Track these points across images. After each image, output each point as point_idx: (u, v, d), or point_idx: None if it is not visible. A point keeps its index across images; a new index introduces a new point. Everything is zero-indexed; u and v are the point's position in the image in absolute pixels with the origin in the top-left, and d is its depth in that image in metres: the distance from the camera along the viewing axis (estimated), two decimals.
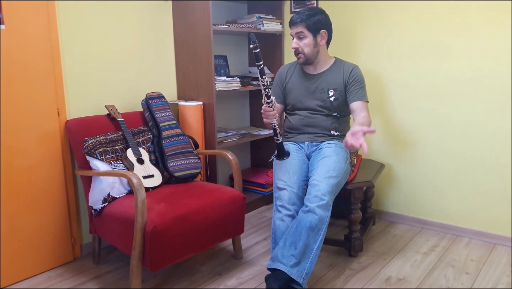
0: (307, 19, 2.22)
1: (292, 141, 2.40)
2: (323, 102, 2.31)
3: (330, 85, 2.32)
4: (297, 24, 2.23)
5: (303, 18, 2.22)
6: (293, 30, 2.26)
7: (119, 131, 2.38)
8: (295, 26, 2.25)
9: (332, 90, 2.31)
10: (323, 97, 2.32)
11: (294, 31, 2.26)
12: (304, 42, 2.25)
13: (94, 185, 2.20)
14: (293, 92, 2.39)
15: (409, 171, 2.84)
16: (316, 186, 2.00)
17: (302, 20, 2.22)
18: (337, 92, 2.31)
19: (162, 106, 2.54)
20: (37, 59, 2.19)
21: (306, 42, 2.25)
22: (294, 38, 2.28)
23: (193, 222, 2.04)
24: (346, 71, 2.32)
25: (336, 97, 2.31)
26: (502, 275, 2.19)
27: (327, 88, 2.32)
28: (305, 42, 2.25)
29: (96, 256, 2.38)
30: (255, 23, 3.10)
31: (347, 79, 2.30)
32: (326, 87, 2.32)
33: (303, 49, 2.26)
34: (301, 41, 2.25)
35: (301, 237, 1.89)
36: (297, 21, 2.23)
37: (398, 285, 2.11)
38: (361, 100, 2.28)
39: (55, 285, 2.19)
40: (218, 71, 3.14)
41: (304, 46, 2.25)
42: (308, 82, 2.36)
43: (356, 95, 2.29)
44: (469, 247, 2.52)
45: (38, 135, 2.23)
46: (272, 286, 1.82)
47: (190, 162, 2.46)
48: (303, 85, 2.36)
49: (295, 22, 2.24)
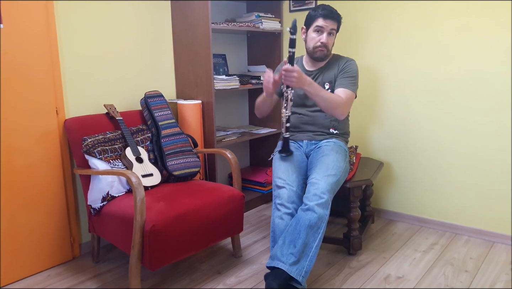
0: (339, 18, 2.29)
1: (291, 140, 2.40)
2: None
3: (326, 79, 2.34)
4: (333, 20, 2.25)
5: (339, 17, 2.28)
6: (328, 24, 2.24)
7: (118, 130, 2.38)
8: (331, 21, 2.25)
9: (327, 83, 2.33)
10: None
11: (328, 26, 2.24)
12: (332, 39, 2.30)
13: (93, 184, 2.20)
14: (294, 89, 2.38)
15: (408, 169, 2.84)
16: (315, 184, 2.00)
17: (337, 18, 2.27)
18: (332, 85, 2.33)
19: (161, 105, 2.53)
20: (35, 58, 2.19)
21: (333, 40, 2.31)
22: (324, 33, 2.25)
23: (192, 221, 2.04)
24: (340, 64, 2.35)
25: (331, 90, 2.32)
26: (501, 273, 2.20)
27: (323, 82, 2.33)
28: (332, 40, 2.31)
29: (95, 255, 2.38)
30: (254, 22, 3.10)
31: (339, 69, 2.33)
32: (322, 81, 2.34)
33: (329, 45, 2.29)
34: (330, 38, 2.29)
35: (300, 235, 1.89)
36: (335, 17, 2.26)
37: (397, 283, 2.11)
38: (346, 88, 2.26)
39: (54, 284, 2.19)
40: (217, 70, 3.14)
41: (331, 43, 2.30)
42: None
43: (341, 83, 2.28)
44: (468, 245, 2.52)
45: (36, 134, 2.23)
46: (272, 284, 1.82)
47: (189, 160, 2.46)
48: None
49: (332, 17, 2.24)
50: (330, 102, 2.18)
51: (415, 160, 2.79)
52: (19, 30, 2.11)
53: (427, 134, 2.72)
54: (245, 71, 3.49)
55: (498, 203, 2.52)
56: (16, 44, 2.11)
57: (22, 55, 2.14)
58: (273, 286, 1.81)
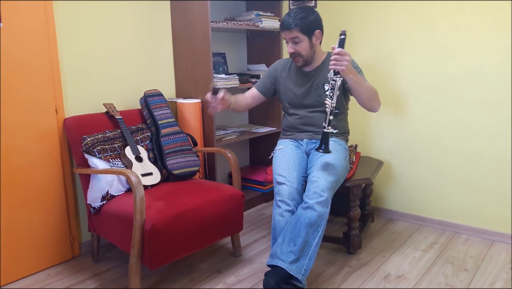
0: (301, 22, 2.13)
1: (291, 138, 2.40)
2: (319, 98, 2.28)
3: (325, 80, 2.28)
4: (291, 29, 2.14)
5: (297, 21, 2.13)
6: (287, 35, 2.17)
7: (118, 129, 2.38)
8: (289, 31, 2.15)
9: (327, 84, 2.27)
10: (319, 93, 2.29)
11: (288, 36, 2.17)
12: (301, 46, 2.18)
13: (93, 183, 2.20)
14: (289, 91, 2.36)
15: (407, 168, 2.84)
16: (315, 182, 2.00)
17: (296, 24, 2.13)
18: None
19: (160, 104, 2.53)
20: (35, 57, 2.19)
21: (303, 46, 2.18)
22: (288, 43, 2.20)
23: (192, 220, 2.04)
24: None
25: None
26: (501, 272, 2.20)
27: (322, 83, 2.29)
28: (302, 46, 2.18)
29: (95, 254, 2.38)
30: (254, 21, 3.09)
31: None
32: (321, 82, 2.29)
33: (301, 52, 2.20)
34: (298, 46, 2.18)
35: (300, 233, 1.89)
36: (291, 26, 2.13)
37: (397, 282, 2.12)
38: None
39: (54, 283, 2.19)
40: (216, 68, 3.14)
41: (301, 49, 2.19)
42: (303, 79, 2.33)
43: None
44: (467, 244, 2.52)
45: (36, 133, 2.22)
46: (269, 281, 1.82)
47: (189, 159, 2.45)
48: (299, 82, 2.34)
49: (288, 27, 2.14)
50: (372, 93, 2.12)
51: (414, 159, 2.79)
52: (18, 30, 2.11)
53: (426, 133, 2.72)
54: (244, 70, 3.48)
55: (498, 202, 2.52)
56: (15, 43, 2.10)
57: (21, 54, 2.13)
58: (271, 283, 1.81)
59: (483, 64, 2.45)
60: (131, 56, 2.68)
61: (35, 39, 2.18)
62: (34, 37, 2.17)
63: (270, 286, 1.81)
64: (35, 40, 2.18)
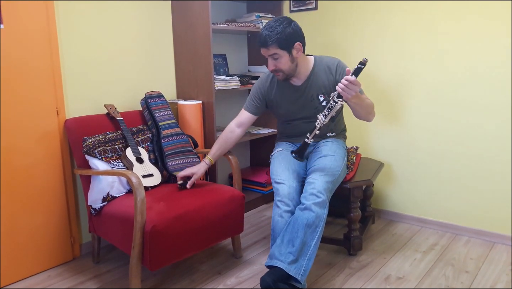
0: (278, 37, 2.01)
1: (288, 142, 2.39)
2: (315, 110, 2.22)
3: (319, 90, 2.21)
4: (268, 46, 2.03)
5: (273, 38, 2.01)
6: (265, 52, 2.07)
7: (118, 130, 2.38)
8: (266, 49, 2.05)
9: (321, 95, 2.21)
10: (314, 105, 2.23)
11: (266, 54, 2.08)
12: (281, 62, 2.07)
13: (93, 184, 2.20)
14: (282, 106, 2.28)
15: (408, 169, 2.84)
16: (312, 183, 2.00)
17: (273, 41, 2.01)
18: (327, 96, 2.20)
19: (161, 106, 2.53)
20: (36, 58, 2.19)
21: (283, 62, 2.07)
22: (268, 59, 2.10)
23: (192, 221, 2.04)
24: (331, 69, 2.18)
25: (327, 102, 2.20)
26: (502, 273, 2.19)
27: (316, 94, 2.21)
28: (282, 62, 2.07)
29: (96, 255, 2.38)
30: (255, 22, 3.10)
31: (335, 77, 2.18)
32: (315, 93, 2.21)
33: (281, 68, 2.10)
34: (278, 62, 2.08)
35: (298, 234, 1.89)
36: (268, 43, 2.02)
37: (398, 284, 2.11)
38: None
39: (54, 284, 2.19)
40: (217, 70, 3.14)
41: (282, 65, 2.09)
42: (295, 94, 2.24)
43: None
44: (468, 246, 2.52)
45: (37, 134, 2.23)
46: (267, 280, 1.81)
47: (190, 161, 2.46)
48: (291, 98, 2.25)
49: (265, 44, 2.03)
50: (369, 109, 2.10)
51: (415, 161, 2.79)
52: (19, 31, 2.11)
53: (427, 135, 2.71)
54: (245, 71, 3.49)
55: (498, 204, 2.51)
56: (16, 44, 2.11)
57: (22, 56, 2.13)
58: (268, 282, 1.81)
59: (483, 67, 2.45)
60: (132, 58, 2.68)
61: (36, 40, 2.19)
62: (35, 39, 2.18)
63: (267, 284, 1.81)
64: (36, 41, 2.19)
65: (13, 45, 2.10)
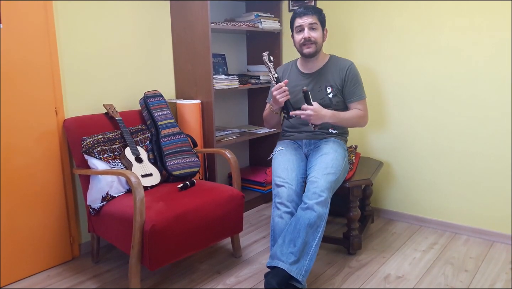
0: (319, 12, 2.28)
1: (290, 139, 2.40)
2: (321, 100, 2.31)
3: (328, 82, 2.33)
4: (310, 15, 2.25)
5: (315, 10, 2.27)
6: (305, 20, 2.25)
7: (117, 130, 2.38)
8: (308, 16, 2.25)
9: (329, 87, 2.32)
10: (321, 95, 2.32)
11: (306, 22, 2.25)
12: (317, 34, 2.27)
13: (93, 184, 2.20)
14: (290, 93, 2.33)
15: (407, 168, 2.84)
16: (315, 182, 2.00)
17: (316, 12, 2.26)
18: (335, 89, 2.32)
19: (160, 105, 2.53)
20: (35, 58, 2.19)
21: (318, 34, 2.28)
22: (304, 29, 2.26)
23: (191, 221, 2.04)
24: (342, 69, 2.34)
25: (335, 94, 2.32)
26: (501, 272, 2.20)
27: (325, 85, 2.32)
28: (318, 34, 2.28)
29: (95, 255, 2.38)
30: (253, 22, 3.10)
31: (344, 77, 2.32)
32: (323, 84, 2.32)
33: (316, 39, 2.27)
34: (314, 32, 2.27)
35: (300, 234, 1.89)
36: (310, 12, 2.25)
37: (397, 283, 2.11)
38: (359, 99, 2.33)
39: (54, 284, 2.18)
40: (216, 69, 3.14)
41: (317, 37, 2.28)
42: (305, 81, 2.35)
43: (353, 95, 2.33)
44: (467, 245, 2.52)
45: (36, 134, 2.22)
46: (271, 282, 1.82)
47: (189, 160, 2.45)
48: (300, 85, 2.35)
49: (307, 12, 2.25)
50: (354, 121, 2.32)
51: (414, 160, 2.79)
52: (18, 30, 2.11)
53: (426, 133, 2.72)
54: (244, 71, 3.48)
55: (498, 202, 2.52)
56: (15, 44, 2.10)
57: (21, 55, 2.13)
58: (272, 284, 1.81)
59: (483, 65, 2.45)
60: (131, 57, 2.68)
61: (35, 40, 2.18)
62: (34, 38, 2.18)
63: (272, 287, 1.81)
64: (35, 41, 2.18)
65: (12, 45, 2.09)
